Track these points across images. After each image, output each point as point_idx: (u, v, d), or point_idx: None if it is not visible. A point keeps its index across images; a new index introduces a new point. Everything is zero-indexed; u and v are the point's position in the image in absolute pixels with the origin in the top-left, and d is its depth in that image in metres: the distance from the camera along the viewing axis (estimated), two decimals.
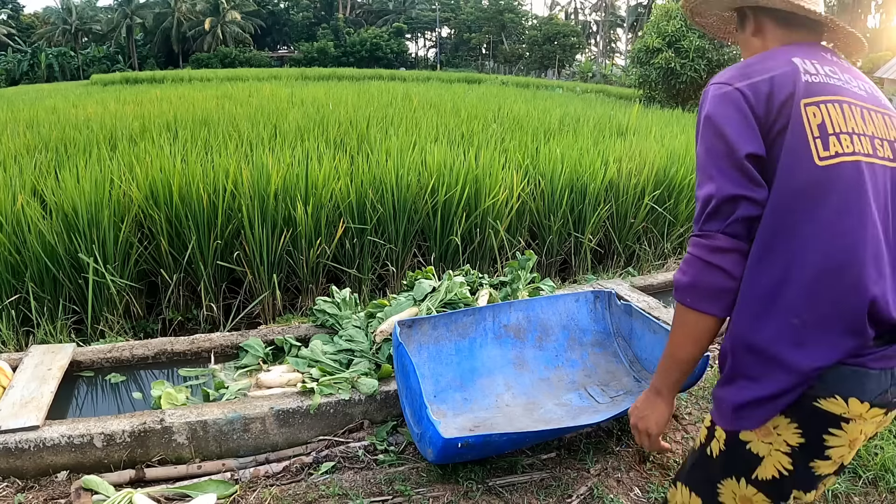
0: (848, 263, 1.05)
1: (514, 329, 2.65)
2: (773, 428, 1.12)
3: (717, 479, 1.22)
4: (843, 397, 1.07)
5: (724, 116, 1.11)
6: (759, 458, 1.15)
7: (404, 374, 2.14)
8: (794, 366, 1.07)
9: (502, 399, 2.46)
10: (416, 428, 2.07)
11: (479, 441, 1.91)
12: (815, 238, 1.06)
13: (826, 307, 1.06)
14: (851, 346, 1.06)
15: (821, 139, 1.07)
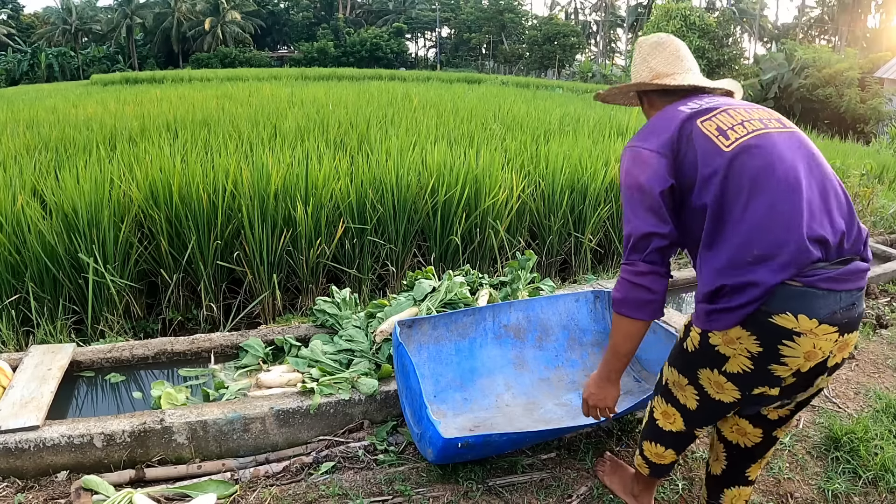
0: (780, 208, 1.34)
1: (514, 329, 2.65)
2: (737, 339, 1.39)
3: (695, 367, 1.52)
4: (794, 313, 1.32)
5: (637, 172, 1.48)
6: (726, 357, 1.43)
7: (404, 374, 2.13)
8: (759, 282, 1.33)
9: (502, 399, 2.46)
10: (416, 428, 2.07)
11: (479, 441, 1.92)
12: (750, 200, 1.36)
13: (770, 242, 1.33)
14: (794, 270, 1.32)
15: (721, 135, 1.43)
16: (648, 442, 1.73)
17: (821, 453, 2.33)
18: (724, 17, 21.45)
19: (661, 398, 1.67)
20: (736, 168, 1.38)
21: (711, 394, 1.51)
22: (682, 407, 1.60)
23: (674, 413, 1.63)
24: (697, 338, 1.48)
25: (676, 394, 1.60)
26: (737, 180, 1.38)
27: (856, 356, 3.17)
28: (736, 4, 45.88)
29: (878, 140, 13.08)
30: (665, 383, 1.65)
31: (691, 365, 1.53)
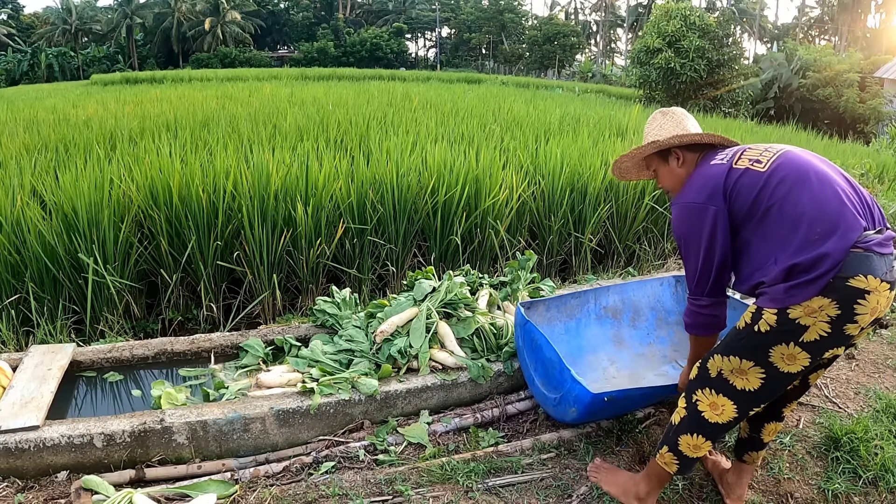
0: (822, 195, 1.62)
1: (611, 310, 2.96)
2: (818, 307, 1.56)
3: (768, 347, 1.66)
4: (864, 275, 1.54)
5: (694, 218, 1.77)
6: (805, 327, 1.59)
7: (534, 348, 2.39)
8: (831, 252, 1.54)
9: (608, 372, 2.73)
10: (554, 393, 2.28)
11: (620, 395, 2.17)
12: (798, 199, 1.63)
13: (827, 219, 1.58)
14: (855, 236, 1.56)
15: (755, 163, 1.74)
16: (689, 435, 1.82)
17: (821, 453, 2.33)
18: (724, 17, 21.41)
19: (709, 390, 1.78)
20: (777, 178, 1.66)
21: (782, 367, 1.66)
22: (739, 392, 1.73)
23: (724, 402, 1.76)
24: (773, 317, 1.62)
25: (734, 381, 1.73)
26: (782, 187, 1.65)
27: (856, 356, 3.16)
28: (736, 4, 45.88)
29: (878, 140, 13.08)
30: (718, 374, 1.76)
31: (763, 346, 1.66)
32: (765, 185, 1.67)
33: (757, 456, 2.04)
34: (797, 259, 1.58)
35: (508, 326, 2.79)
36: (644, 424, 2.46)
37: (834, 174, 1.69)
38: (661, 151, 1.98)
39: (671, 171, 1.97)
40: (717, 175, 1.76)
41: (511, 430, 2.47)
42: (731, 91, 18.13)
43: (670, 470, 1.88)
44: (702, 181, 1.79)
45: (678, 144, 1.94)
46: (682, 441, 1.83)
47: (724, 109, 17.88)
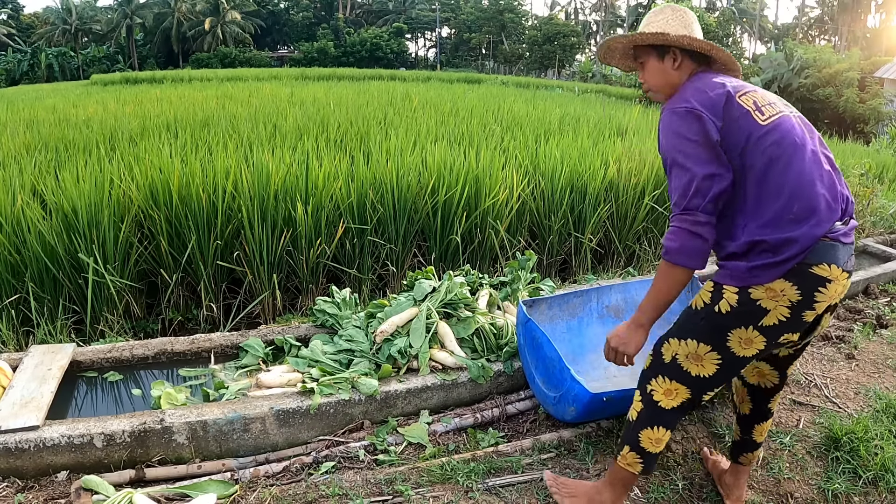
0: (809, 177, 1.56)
1: (614, 309, 2.95)
2: (780, 290, 1.54)
3: (727, 329, 1.61)
4: (828, 264, 1.54)
5: (691, 126, 1.59)
6: (766, 310, 1.57)
7: (535, 346, 2.39)
8: (800, 238, 1.52)
9: (610, 371, 2.72)
10: (554, 392, 2.29)
11: (619, 395, 2.15)
12: (788, 165, 1.56)
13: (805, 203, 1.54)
14: (827, 227, 1.54)
15: (757, 110, 1.61)
16: (648, 429, 1.77)
17: (821, 453, 2.33)
18: (724, 17, 21.44)
19: (663, 378, 1.73)
20: (773, 137, 1.57)
21: (738, 352, 1.63)
22: (693, 379, 1.69)
23: (678, 387, 1.72)
24: (735, 297, 1.59)
25: (688, 367, 1.69)
26: (775, 149, 1.56)
27: (856, 356, 3.17)
28: (736, 4, 45.88)
29: (878, 140, 13.07)
30: (673, 360, 1.72)
31: (722, 328, 1.62)
32: (759, 139, 1.57)
33: (753, 456, 2.02)
34: (765, 236, 1.54)
35: (508, 326, 2.79)
36: None
37: (822, 155, 1.63)
38: (659, 46, 1.78)
39: (664, 70, 1.79)
40: (718, 96, 1.62)
41: (511, 430, 2.47)
42: None
43: (635, 470, 1.81)
44: (701, 94, 1.63)
45: (687, 46, 1.75)
46: (643, 437, 1.78)
47: None
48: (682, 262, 1.61)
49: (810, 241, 1.52)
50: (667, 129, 1.65)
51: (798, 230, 1.53)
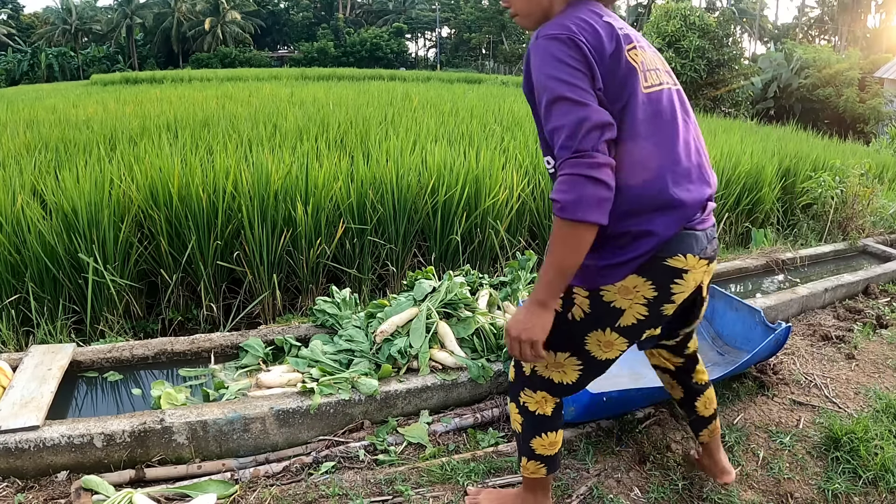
0: (678, 165, 1.42)
1: None
2: (633, 287, 1.43)
3: (583, 335, 1.51)
4: (683, 254, 1.44)
5: (573, 57, 1.32)
6: (622, 310, 1.46)
7: None
8: (657, 232, 1.39)
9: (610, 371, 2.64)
10: None
11: (619, 396, 2.14)
12: (657, 147, 1.40)
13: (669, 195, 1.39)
14: (685, 222, 1.42)
15: (644, 73, 1.42)
16: (536, 438, 1.67)
17: (821, 453, 2.33)
18: (724, 17, 21.43)
19: (527, 391, 1.64)
20: (648, 112, 1.40)
21: (599, 356, 1.54)
22: (557, 386, 1.60)
23: (545, 396, 1.64)
24: (587, 301, 1.47)
25: (549, 375, 1.59)
26: (647, 126, 1.39)
27: (856, 356, 3.17)
28: (736, 4, 45.88)
29: (878, 140, 13.08)
30: (532, 371, 1.61)
31: (577, 334, 1.52)
32: (636, 108, 1.38)
33: (713, 429, 1.96)
34: (623, 226, 1.38)
35: None
36: (644, 424, 2.46)
37: (693, 141, 1.49)
38: None
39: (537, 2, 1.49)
40: (608, 38, 1.38)
41: (511, 431, 2.47)
42: (731, 91, 18.15)
43: (541, 475, 1.74)
44: (586, 27, 1.37)
45: None
46: (535, 445, 1.69)
47: (724, 109, 17.90)
48: (582, 216, 1.29)
49: (670, 234, 1.40)
50: (543, 57, 1.34)
51: (658, 220, 1.39)
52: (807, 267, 4.70)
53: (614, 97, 1.37)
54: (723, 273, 4.26)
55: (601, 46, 1.36)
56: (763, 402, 2.68)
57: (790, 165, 6.34)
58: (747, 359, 2.54)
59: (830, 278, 4.10)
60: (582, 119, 1.29)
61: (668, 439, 2.36)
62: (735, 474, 2.06)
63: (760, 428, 2.48)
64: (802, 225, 5.70)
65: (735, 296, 3.03)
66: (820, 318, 3.74)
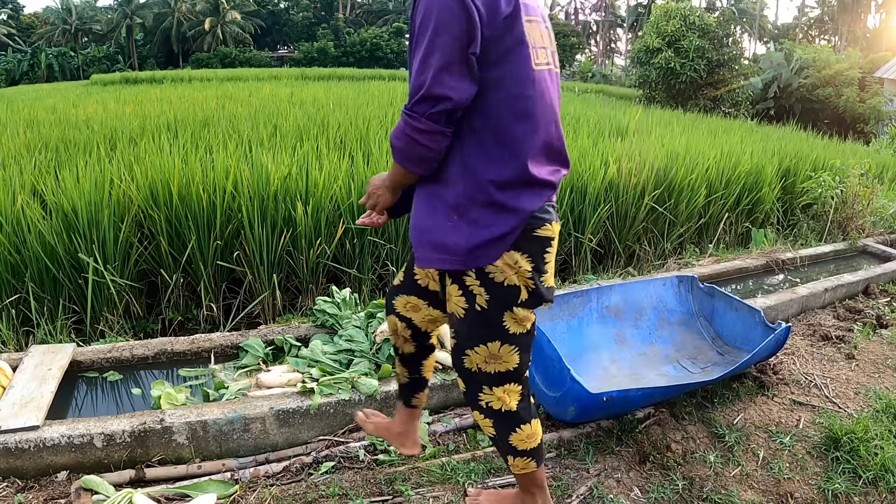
0: (553, 145, 1.50)
1: (614, 310, 2.97)
2: (514, 263, 1.48)
3: (499, 320, 1.54)
4: (549, 223, 1.52)
5: (456, 21, 1.32)
6: (518, 287, 1.51)
7: (535, 346, 2.35)
8: (519, 210, 1.45)
9: (609, 371, 2.73)
10: (554, 392, 2.29)
11: (620, 395, 2.16)
12: (535, 126, 1.44)
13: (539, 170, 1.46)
14: (548, 196, 1.51)
15: (534, 50, 1.43)
16: (513, 434, 1.67)
17: (821, 453, 2.33)
18: (724, 17, 21.42)
19: (486, 388, 1.63)
20: (531, 92, 1.43)
21: (521, 331, 1.58)
22: (506, 374, 1.62)
23: (505, 389, 1.63)
24: (482, 289, 1.51)
25: (495, 369, 1.60)
26: (527, 104, 1.42)
27: (856, 356, 3.17)
28: (736, 4, 45.87)
29: (878, 140, 13.07)
30: (479, 370, 1.61)
31: (496, 320, 1.54)
32: (520, 83, 1.40)
33: (424, 396, 1.95)
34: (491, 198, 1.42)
35: None
36: (644, 424, 2.46)
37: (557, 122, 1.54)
38: None
39: None
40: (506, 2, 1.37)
41: None
42: (731, 91, 18.14)
43: (532, 468, 1.73)
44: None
45: None
46: (514, 442, 1.67)
47: (724, 109, 17.89)
48: (406, 166, 1.46)
49: (535, 209, 1.47)
50: (432, 10, 1.34)
51: (527, 197, 1.45)
52: (807, 267, 4.70)
53: (493, 64, 1.37)
54: (723, 273, 4.26)
55: (495, 6, 1.35)
56: (763, 402, 2.68)
57: (790, 165, 6.34)
58: (747, 359, 2.54)
59: (830, 278, 4.10)
60: (423, 84, 1.34)
61: (668, 439, 2.36)
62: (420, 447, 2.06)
63: (760, 428, 2.48)
64: (802, 225, 5.71)
65: (735, 296, 3.03)
66: (820, 318, 3.74)
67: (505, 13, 1.36)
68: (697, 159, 5.50)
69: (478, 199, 1.43)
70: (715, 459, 2.27)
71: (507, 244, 1.46)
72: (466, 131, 1.42)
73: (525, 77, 1.40)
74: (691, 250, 4.88)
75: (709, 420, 2.51)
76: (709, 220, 5.38)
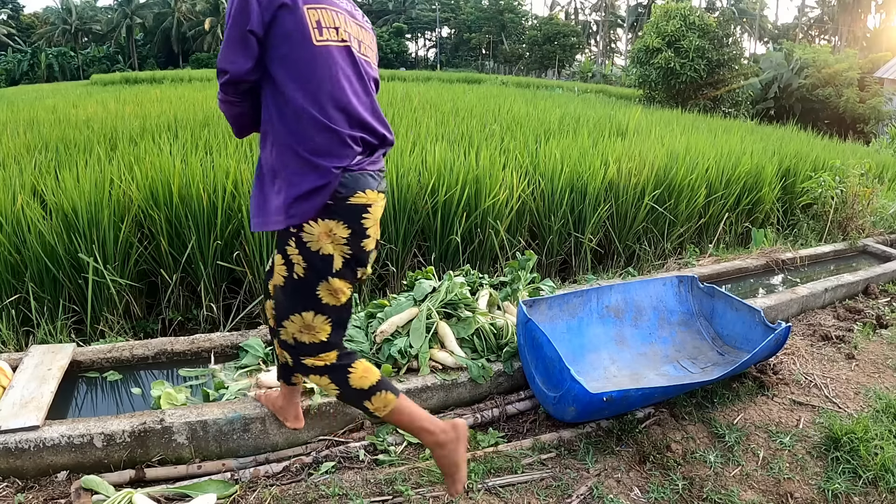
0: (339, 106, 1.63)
1: (614, 310, 2.97)
2: (329, 231, 1.63)
3: (313, 290, 1.68)
4: (363, 190, 1.65)
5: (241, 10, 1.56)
6: (331, 256, 1.65)
7: (535, 346, 2.40)
8: (323, 167, 1.60)
9: (609, 371, 2.73)
10: (554, 392, 2.29)
11: (619, 395, 2.17)
12: (320, 89, 1.61)
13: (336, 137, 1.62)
14: (351, 158, 1.64)
15: (317, 30, 1.61)
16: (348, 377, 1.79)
17: (821, 453, 2.33)
18: (724, 17, 21.43)
19: (307, 357, 1.75)
20: (317, 65, 1.60)
21: (334, 303, 1.71)
22: (319, 344, 1.74)
23: (320, 356, 1.76)
24: (300, 257, 1.66)
25: (310, 339, 1.73)
26: (312, 75, 1.60)
27: (856, 356, 3.17)
28: (736, 4, 45.88)
29: (878, 140, 13.08)
30: (294, 341, 1.74)
31: (311, 290, 1.68)
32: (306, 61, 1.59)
33: None
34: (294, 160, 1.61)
35: (509, 326, 2.79)
36: (644, 424, 2.46)
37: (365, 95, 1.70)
38: None
39: None
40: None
41: (511, 430, 2.47)
42: (731, 91, 18.14)
43: (392, 401, 1.80)
44: None
45: None
46: (357, 383, 1.79)
47: (724, 109, 17.89)
48: (228, 119, 1.76)
49: (335, 175, 1.60)
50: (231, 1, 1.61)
51: (328, 161, 1.60)
52: (807, 267, 4.71)
53: (277, 45, 1.59)
54: (723, 273, 4.27)
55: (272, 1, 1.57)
56: (763, 402, 2.68)
57: (790, 165, 6.34)
58: (747, 359, 2.54)
59: (830, 278, 4.10)
60: (219, 59, 1.61)
61: (668, 439, 2.37)
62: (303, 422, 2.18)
63: (760, 428, 2.48)
64: (802, 225, 5.71)
65: (735, 296, 3.03)
66: (820, 318, 3.74)
67: (281, 2, 1.57)
68: (697, 159, 5.51)
69: (287, 161, 1.63)
70: (715, 459, 2.27)
71: (315, 203, 1.61)
72: (271, 103, 1.64)
73: (306, 52, 1.59)
74: (691, 250, 4.88)
75: (709, 420, 2.51)
76: (709, 220, 5.38)
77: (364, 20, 1.84)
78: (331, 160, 1.61)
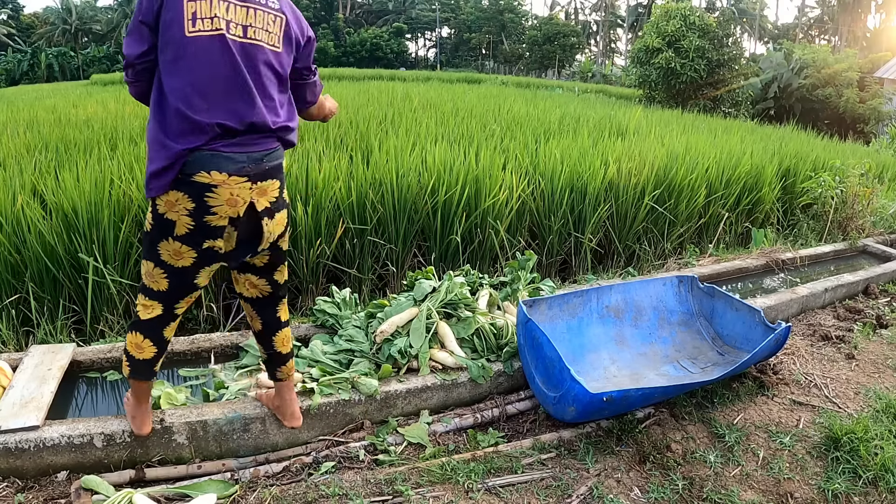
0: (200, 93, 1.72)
1: (614, 310, 2.98)
2: (176, 201, 1.76)
3: (156, 244, 1.83)
4: (208, 171, 1.73)
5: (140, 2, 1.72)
6: (173, 221, 1.78)
7: (535, 346, 2.40)
8: (171, 148, 1.71)
9: (609, 371, 2.73)
10: (554, 392, 2.30)
11: (619, 395, 2.17)
12: (184, 77, 1.71)
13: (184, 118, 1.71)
14: (201, 141, 1.72)
15: (191, 21, 1.70)
16: (131, 333, 1.96)
17: (821, 453, 2.33)
18: (724, 17, 21.42)
19: (141, 295, 1.93)
20: (186, 52, 1.70)
21: (175, 264, 1.84)
22: (157, 294, 1.90)
23: (151, 303, 1.92)
24: (150, 215, 1.82)
25: (150, 284, 1.90)
26: (183, 61, 1.71)
27: (856, 356, 3.17)
28: (736, 4, 45.88)
29: (878, 140, 13.07)
30: (143, 282, 1.93)
31: (153, 244, 1.83)
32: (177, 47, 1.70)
33: (287, 369, 2.16)
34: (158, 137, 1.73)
35: (508, 326, 2.79)
36: (644, 424, 2.46)
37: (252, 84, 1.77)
38: None
39: None
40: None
41: (511, 430, 2.47)
42: (732, 91, 18.13)
43: (126, 373, 1.99)
44: None
45: None
46: (128, 339, 1.96)
47: (724, 109, 17.88)
48: None
49: (179, 155, 1.71)
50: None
51: (182, 141, 1.71)
52: (807, 267, 4.71)
53: (161, 33, 1.72)
54: (723, 273, 4.27)
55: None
56: (763, 402, 2.68)
57: (790, 165, 6.33)
58: (747, 359, 2.54)
59: (830, 278, 4.10)
60: (124, 47, 1.78)
61: (668, 439, 2.37)
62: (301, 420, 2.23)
63: (760, 428, 2.48)
64: (802, 225, 5.71)
65: (735, 296, 3.03)
66: (820, 318, 3.74)
67: None
68: (697, 159, 5.50)
69: (151, 140, 1.76)
70: (715, 459, 2.27)
71: (165, 180, 1.73)
72: (155, 87, 1.77)
73: (177, 41, 1.70)
74: (691, 250, 4.88)
75: (709, 420, 2.51)
76: (709, 220, 5.38)
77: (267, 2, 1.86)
78: (179, 142, 1.72)
